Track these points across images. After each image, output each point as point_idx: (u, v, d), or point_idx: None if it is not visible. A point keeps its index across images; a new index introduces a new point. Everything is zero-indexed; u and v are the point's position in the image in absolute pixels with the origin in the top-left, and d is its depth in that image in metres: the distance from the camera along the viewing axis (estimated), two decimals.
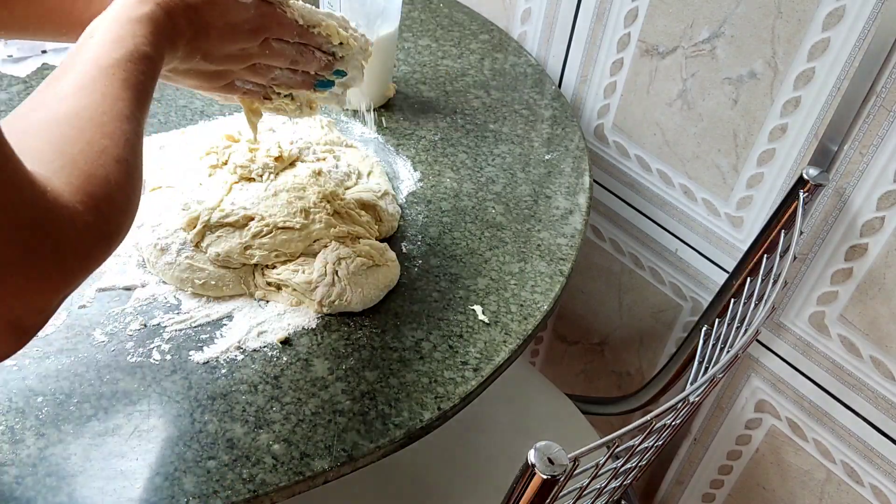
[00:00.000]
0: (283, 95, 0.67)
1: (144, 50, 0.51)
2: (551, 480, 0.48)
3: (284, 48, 0.62)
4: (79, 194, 0.41)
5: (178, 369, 0.64)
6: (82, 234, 0.41)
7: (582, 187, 0.87)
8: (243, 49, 0.60)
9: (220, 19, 0.57)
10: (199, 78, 0.62)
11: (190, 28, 0.55)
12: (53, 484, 0.55)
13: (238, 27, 0.58)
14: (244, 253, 0.70)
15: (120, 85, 0.48)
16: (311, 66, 0.65)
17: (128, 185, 0.46)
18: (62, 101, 0.47)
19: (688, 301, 1.06)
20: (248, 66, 0.62)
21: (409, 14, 1.12)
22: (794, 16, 0.79)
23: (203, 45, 0.57)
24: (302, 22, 0.62)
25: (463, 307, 0.72)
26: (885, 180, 0.77)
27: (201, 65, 0.59)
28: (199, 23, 0.56)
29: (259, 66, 0.63)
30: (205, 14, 0.56)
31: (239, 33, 0.59)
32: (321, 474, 0.59)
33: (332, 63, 0.66)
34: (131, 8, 0.52)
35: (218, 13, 0.57)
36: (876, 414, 0.87)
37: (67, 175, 0.42)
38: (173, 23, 0.54)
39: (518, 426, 0.97)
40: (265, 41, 0.61)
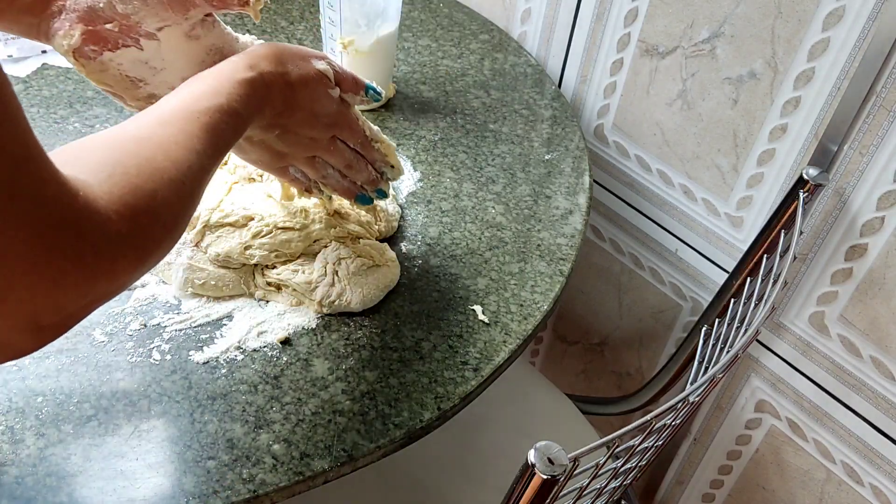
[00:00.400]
0: (324, 194, 0.71)
1: (235, 107, 0.53)
2: (551, 480, 0.48)
3: (346, 151, 0.66)
4: (117, 204, 0.41)
5: (178, 369, 0.64)
6: (112, 240, 0.40)
7: (582, 187, 0.87)
8: (313, 139, 0.64)
9: (308, 104, 0.61)
10: (265, 153, 0.64)
11: (282, 103, 0.59)
12: (53, 484, 0.55)
13: (319, 116, 0.62)
14: (244, 253, 0.70)
15: (201, 127, 0.50)
16: (361, 177, 0.68)
17: (176, 206, 0.46)
18: (138, 127, 0.48)
19: (688, 301, 1.06)
20: (309, 157, 0.65)
21: (409, 14, 1.12)
22: (794, 16, 0.79)
23: (285, 123, 0.61)
24: (368, 133, 0.67)
25: (463, 307, 0.72)
26: (885, 180, 0.77)
27: (274, 141, 0.63)
28: (291, 101, 0.60)
29: (318, 160, 0.66)
30: (298, 94, 0.60)
31: (318, 122, 0.63)
32: (321, 474, 0.59)
33: (378, 181, 0.70)
34: (237, 70, 0.56)
35: (308, 97, 0.61)
36: (876, 414, 0.87)
37: (112, 185, 0.41)
38: (269, 93, 0.57)
39: (518, 426, 0.97)
40: (332, 138, 0.65)
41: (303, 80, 0.60)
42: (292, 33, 1.05)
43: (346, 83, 0.64)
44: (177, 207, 0.46)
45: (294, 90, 0.59)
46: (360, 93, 0.65)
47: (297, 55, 0.61)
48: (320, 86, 0.62)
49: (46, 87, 0.89)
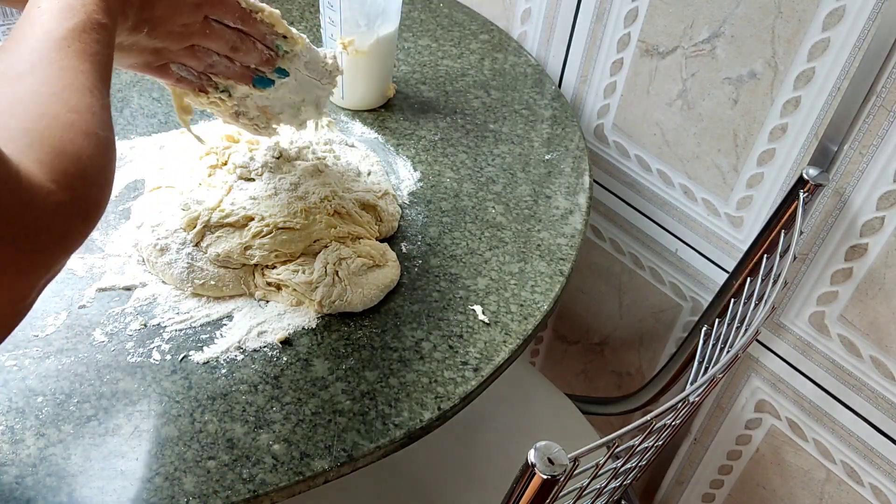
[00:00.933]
0: (220, 90, 0.66)
1: (97, 18, 0.49)
2: (551, 480, 0.48)
3: (224, 31, 0.61)
4: (51, 172, 0.40)
5: (178, 369, 0.64)
6: (58, 213, 0.40)
7: (582, 187, 0.87)
8: (184, 25, 0.59)
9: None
10: (139, 55, 0.60)
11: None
12: (53, 484, 0.55)
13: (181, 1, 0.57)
14: (244, 253, 0.70)
15: (77, 57, 0.47)
16: (251, 58, 0.64)
17: (101, 159, 0.44)
18: (20, 78, 0.45)
19: (688, 301, 1.06)
20: (187, 47, 0.61)
21: (409, 14, 1.12)
22: (794, 16, 0.79)
23: (148, 17, 0.56)
24: (244, 5, 0.62)
25: (463, 307, 0.72)
26: (885, 180, 0.77)
27: (144, 40, 0.58)
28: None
29: (197, 48, 0.61)
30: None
31: (182, 6, 0.58)
32: (321, 474, 0.59)
33: (273, 59, 0.65)
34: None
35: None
36: (876, 414, 0.87)
37: (37, 152, 0.40)
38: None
39: (518, 426, 0.97)
40: (206, 20, 0.60)
41: None
42: None
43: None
44: (101, 161, 0.44)
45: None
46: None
47: None
48: None
49: None
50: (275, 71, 0.66)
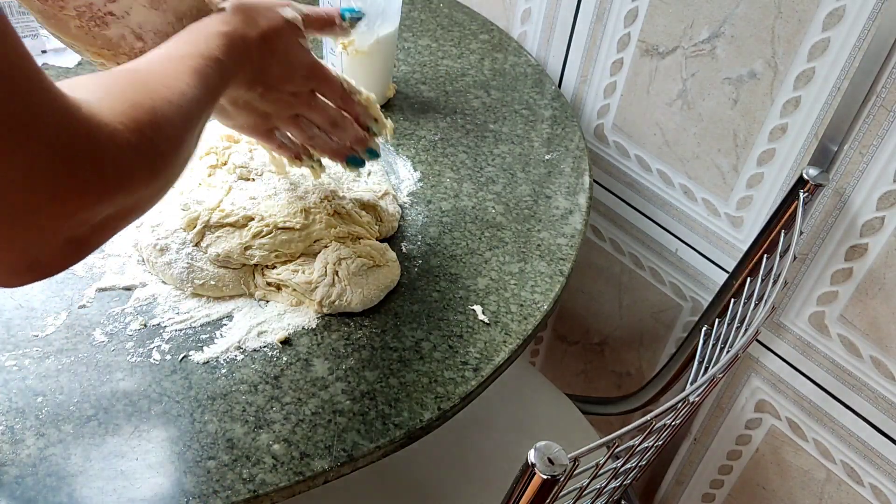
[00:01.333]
0: (314, 160, 0.70)
1: (217, 55, 0.54)
2: (551, 480, 0.48)
3: (328, 106, 0.67)
4: (121, 116, 0.41)
5: (178, 369, 0.64)
6: (121, 149, 0.41)
7: (582, 187, 0.87)
8: (294, 94, 0.64)
9: (283, 54, 0.62)
10: (250, 115, 0.65)
11: (259, 57, 0.59)
12: (53, 484, 0.55)
13: (295, 68, 0.63)
14: (244, 253, 0.70)
15: (188, 70, 0.50)
16: (348, 135, 0.69)
17: (177, 122, 0.46)
18: (126, 68, 0.49)
19: (688, 301, 1.06)
20: (292, 116, 0.66)
21: (409, 14, 1.12)
22: (794, 16, 0.79)
23: (264, 79, 0.61)
24: (346, 86, 0.67)
25: (463, 307, 0.72)
26: (885, 180, 0.77)
27: (257, 101, 0.63)
28: (266, 54, 0.60)
29: (302, 120, 0.66)
30: (272, 45, 0.60)
31: (295, 74, 0.63)
32: (321, 474, 0.59)
33: (367, 139, 0.70)
34: (212, 25, 0.57)
35: (283, 47, 0.61)
36: (876, 414, 0.87)
37: (112, 100, 0.42)
38: (246, 47, 0.58)
39: (518, 426, 0.97)
40: (312, 93, 0.65)
41: (274, 30, 0.61)
42: None
43: (317, 21, 0.65)
44: (177, 124, 0.46)
45: (268, 42, 0.60)
46: (336, 23, 0.66)
47: (263, 7, 0.61)
48: (292, 34, 0.62)
49: None
50: (366, 151, 0.71)
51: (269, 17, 0.61)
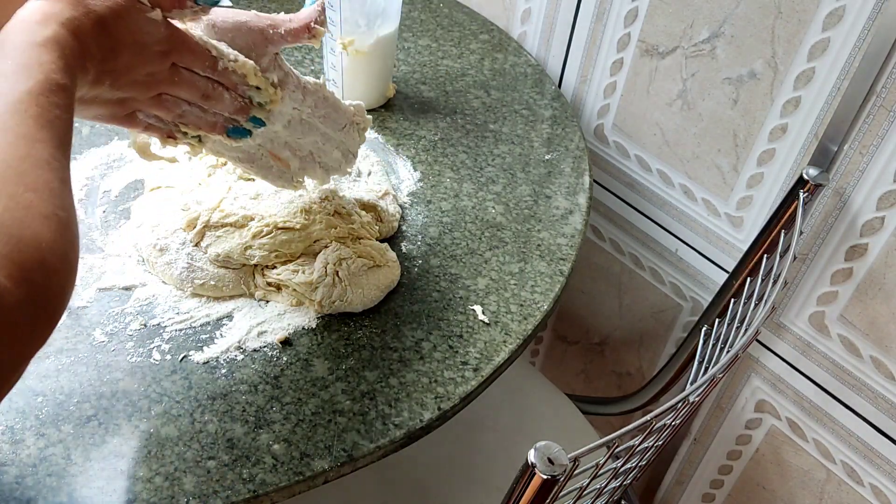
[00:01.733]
0: (190, 136, 0.62)
1: (55, 79, 0.45)
2: (551, 480, 0.48)
3: (195, 78, 0.57)
4: (7, 266, 0.36)
5: (178, 369, 0.64)
6: (13, 311, 0.36)
7: (582, 187, 0.87)
8: (151, 74, 0.55)
9: (129, 37, 0.52)
10: (102, 107, 0.56)
11: (99, 49, 0.50)
12: (53, 484, 0.55)
13: (147, 47, 0.54)
14: (244, 253, 0.70)
15: (34, 124, 0.42)
16: (224, 106, 0.60)
17: (61, 243, 0.40)
18: None
19: (688, 301, 1.06)
20: (154, 96, 0.57)
21: (409, 14, 1.12)
22: (794, 16, 0.79)
23: (112, 67, 0.52)
24: (215, 53, 0.58)
25: (463, 307, 0.72)
26: (885, 180, 0.77)
27: (107, 92, 0.53)
28: (108, 42, 0.51)
29: (166, 98, 0.57)
30: (113, 31, 0.51)
31: (148, 54, 0.54)
32: (321, 474, 0.59)
33: (247, 107, 0.61)
34: (32, 31, 0.46)
35: (127, 30, 0.52)
36: (876, 414, 0.87)
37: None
38: (81, 44, 0.48)
39: (518, 426, 0.97)
40: (174, 67, 0.56)
41: (113, 13, 0.51)
42: None
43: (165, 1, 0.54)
44: (61, 247, 0.41)
45: (106, 28, 0.50)
46: (188, 4, 0.55)
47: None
48: (136, 13, 0.53)
49: None
50: (250, 120, 0.62)
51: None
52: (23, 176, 0.40)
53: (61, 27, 0.47)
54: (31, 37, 0.46)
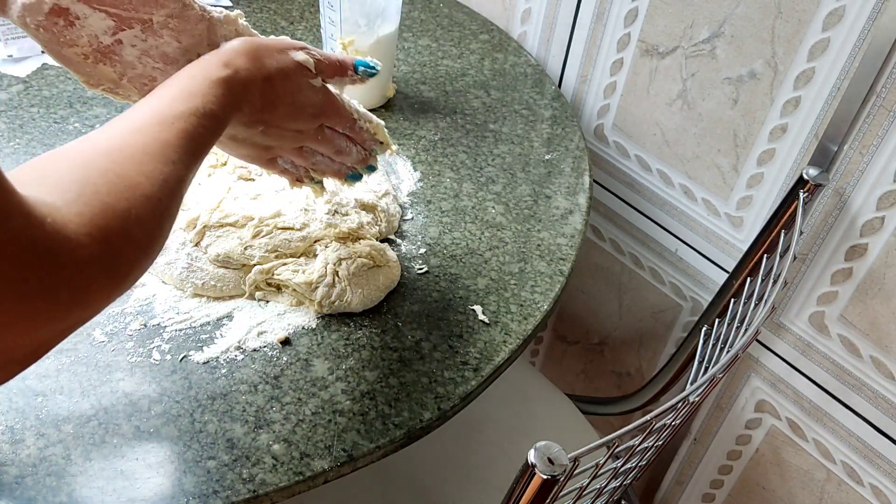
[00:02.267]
0: (315, 181, 0.69)
1: (212, 109, 0.51)
2: (551, 480, 0.48)
3: (335, 137, 0.64)
4: (88, 226, 0.39)
5: (178, 369, 0.64)
6: (81, 267, 0.38)
7: (582, 187, 0.87)
8: (300, 130, 0.61)
9: (290, 97, 0.59)
10: (251, 149, 0.62)
11: (261, 100, 0.56)
12: (53, 484, 0.55)
13: (303, 109, 0.60)
14: (244, 253, 0.70)
15: (177, 134, 0.47)
16: (351, 159, 0.67)
17: (152, 223, 0.44)
18: (108, 137, 0.45)
19: (688, 301, 1.06)
20: (297, 146, 0.63)
21: (409, 14, 1.12)
22: (794, 16, 0.79)
23: (267, 119, 0.58)
24: (356, 116, 0.65)
25: (463, 307, 0.72)
26: (885, 180, 0.77)
27: (258, 137, 0.60)
28: (271, 97, 0.57)
29: (306, 149, 0.64)
30: (278, 89, 0.57)
31: (302, 114, 0.60)
32: (321, 474, 0.59)
33: (367, 158, 0.68)
34: (211, 69, 0.53)
35: (290, 91, 0.58)
36: (876, 414, 0.87)
37: (83, 205, 0.39)
38: (247, 91, 0.55)
39: (518, 426, 0.97)
40: (320, 127, 0.63)
41: (282, 73, 0.58)
42: (292, 33, 1.05)
43: (329, 69, 0.62)
44: (152, 224, 0.44)
45: (273, 85, 0.57)
46: (349, 73, 0.63)
47: (273, 48, 0.58)
48: (301, 77, 0.59)
49: (46, 87, 0.89)
50: (366, 168, 0.69)
51: (278, 59, 0.58)
52: (141, 164, 0.44)
53: (236, 73, 0.54)
54: (207, 73, 0.53)
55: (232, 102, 0.53)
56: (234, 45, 0.57)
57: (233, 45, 0.57)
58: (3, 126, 0.83)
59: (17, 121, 0.84)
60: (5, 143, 0.81)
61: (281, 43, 0.59)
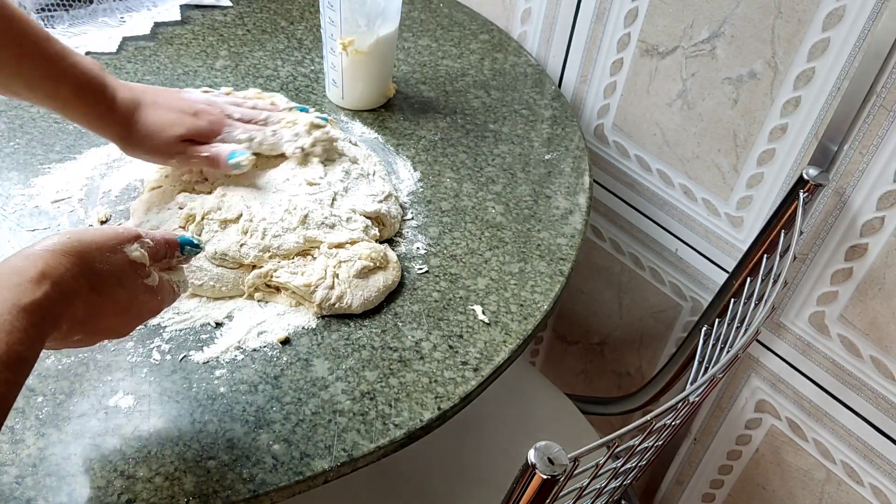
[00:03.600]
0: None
1: (18, 351, 0.41)
2: (551, 480, 0.48)
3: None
4: None
5: (178, 369, 0.64)
6: None
7: (582, 187, 0.87)
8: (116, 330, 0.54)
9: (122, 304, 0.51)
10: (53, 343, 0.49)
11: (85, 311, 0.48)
12: (53, 484, 0.55)
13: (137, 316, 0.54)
14: (239, 251, 0.70)
15: None
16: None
17: None
18: None
19: (688, 301, 1.06)
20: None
21: (409, 14, 1.12)
22: (794, 16, 0.79)
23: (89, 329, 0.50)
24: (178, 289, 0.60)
25: (463, 307, 0.72)
26: (885, 180, 0.77)
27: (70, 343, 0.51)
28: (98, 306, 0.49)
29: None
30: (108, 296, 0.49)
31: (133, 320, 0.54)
32: (321, 474, 0.59)
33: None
34: (21, 291, 0.43)
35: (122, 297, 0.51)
36: (876, 414, 0.87)
37: None
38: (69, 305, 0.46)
39: (518, 426, 0.97)
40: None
41: (115, 278, 0.50)
42: (292, 33, 1.05)
43: (158, 255, 0.55)
44: None
45: (103, 294, 0.49)
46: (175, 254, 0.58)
47: (104, 247, 0.50)
48: (135, 279, 0.52)
49: None
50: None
51: (110, 261, 0.49)
52: None
53: (54, 288, 0.44)
54: (17, 297, 0.43)
55: (46, 330, 0.44)
56: (55, 246, 0.47)
57: (54, 246, 0.47)
58: (3, 126, 0.83)
59: (17, 121, 0.84)
60: (5, 143, 0.81)
61: (111, 236, 0.51)
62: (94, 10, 1.02)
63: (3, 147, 0.81)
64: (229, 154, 0.72)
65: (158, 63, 0.96)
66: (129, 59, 0.96)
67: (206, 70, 0.96)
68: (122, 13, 1.03)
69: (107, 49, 0.97)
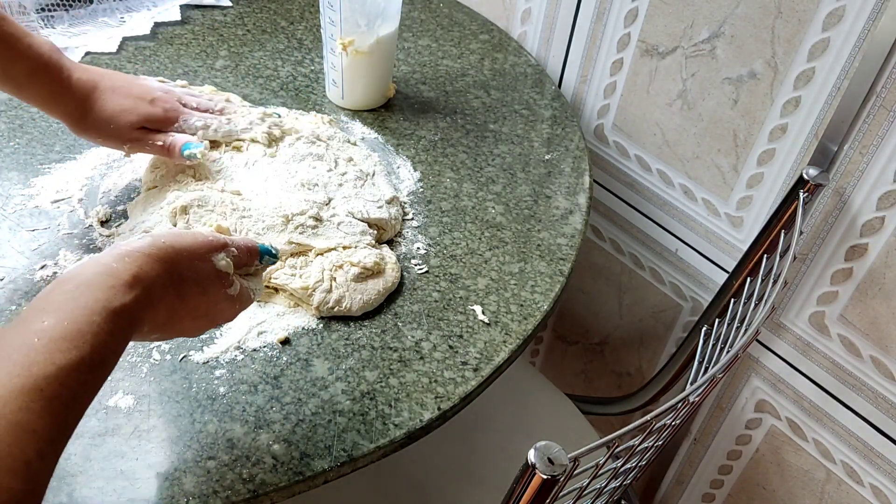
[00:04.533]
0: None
1: (101, 355, 0.41)
2: (551, 480, 0.48)
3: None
4: None
5: (178, 369, 0.64)
6: None
7: (582, 187, 0.87)
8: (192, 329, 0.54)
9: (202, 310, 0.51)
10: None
11: (166, 315, 0.48)
12: (53, 484, 0.55)
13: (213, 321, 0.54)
14: None
15: (43, 409, 0.37)
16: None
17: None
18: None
19: (688, 301, 1.06)
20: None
21: (409, 14, 1.12)
22: (794, 16, 0.79)
23: (167, 331, 0.50)
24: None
25: (463, 307, 0.72)
26: (885, 180, 0.77)
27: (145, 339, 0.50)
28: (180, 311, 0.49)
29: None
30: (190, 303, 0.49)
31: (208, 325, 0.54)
32: (321, 474, 0.59)
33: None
34: (115, 293, 0.43)
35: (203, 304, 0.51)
36: (876, 414, 0.87)
37: None
38: (153, 309, 0.46)
39: (518, 426, 0.97)
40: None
41: (200, 286, 0.49)
42: (292, 33, 1.05)
43: (241, 263, 0.55)
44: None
45: (185, 300, 0.49)
46: (255, 262, 0.58)
47: (195, 255, 0.50)
48: (219, 289, 0.52)
49: None
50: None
51: (198, 269, 0.49)
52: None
53: (144, 293, 0.44)
54: (109, 299, 0.42)
55: (130, 334, 0.44)
56: (147, 248, 0.47)
57: (146, 248, 0.47)
58: (3, 126, 0.83)
59: (16, 121, 0.84)
60: (5, 143, 0.81)
61: (203, 245, 0.51)
62: (94, 10, 1.02)
63: (3, 147, 0.81)
64: (184, 145, 0.73)
65: (158, 63, 0.96)
66: (129, 60, 0.96)
67: (206, 70, 0.96)
68: (122, 13, 1.03)
69: (107, 49, 0.97)
